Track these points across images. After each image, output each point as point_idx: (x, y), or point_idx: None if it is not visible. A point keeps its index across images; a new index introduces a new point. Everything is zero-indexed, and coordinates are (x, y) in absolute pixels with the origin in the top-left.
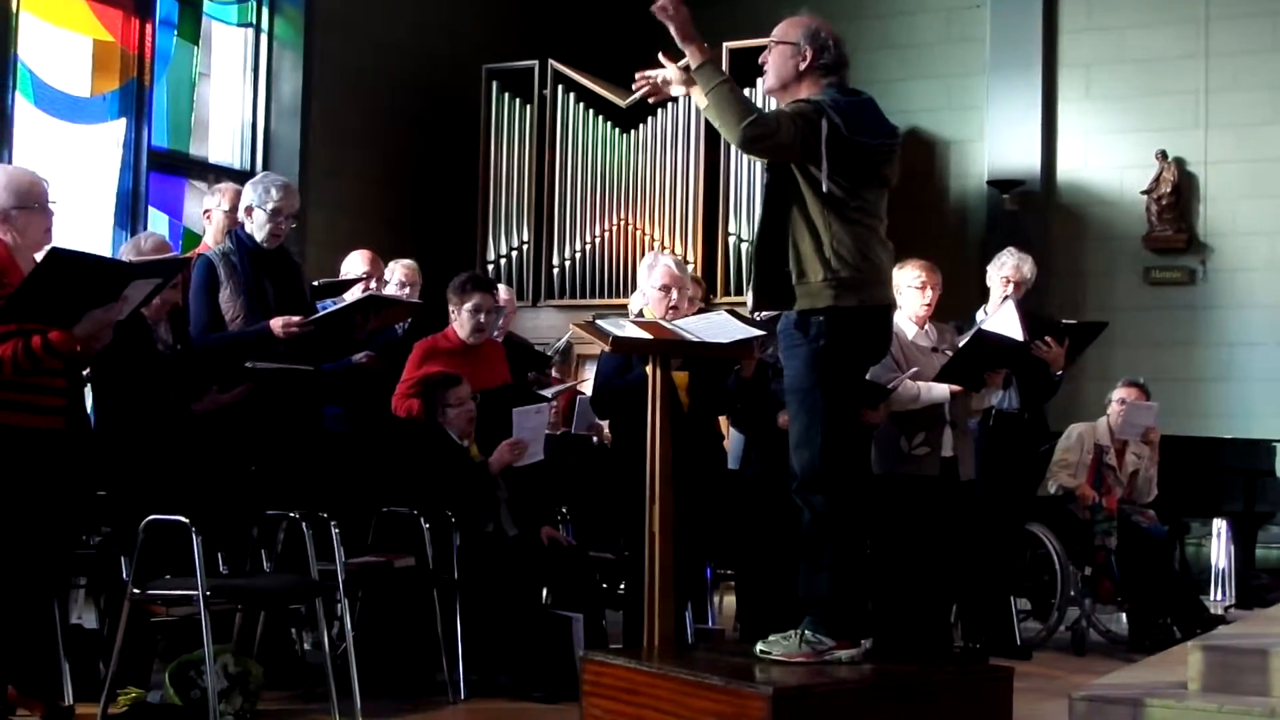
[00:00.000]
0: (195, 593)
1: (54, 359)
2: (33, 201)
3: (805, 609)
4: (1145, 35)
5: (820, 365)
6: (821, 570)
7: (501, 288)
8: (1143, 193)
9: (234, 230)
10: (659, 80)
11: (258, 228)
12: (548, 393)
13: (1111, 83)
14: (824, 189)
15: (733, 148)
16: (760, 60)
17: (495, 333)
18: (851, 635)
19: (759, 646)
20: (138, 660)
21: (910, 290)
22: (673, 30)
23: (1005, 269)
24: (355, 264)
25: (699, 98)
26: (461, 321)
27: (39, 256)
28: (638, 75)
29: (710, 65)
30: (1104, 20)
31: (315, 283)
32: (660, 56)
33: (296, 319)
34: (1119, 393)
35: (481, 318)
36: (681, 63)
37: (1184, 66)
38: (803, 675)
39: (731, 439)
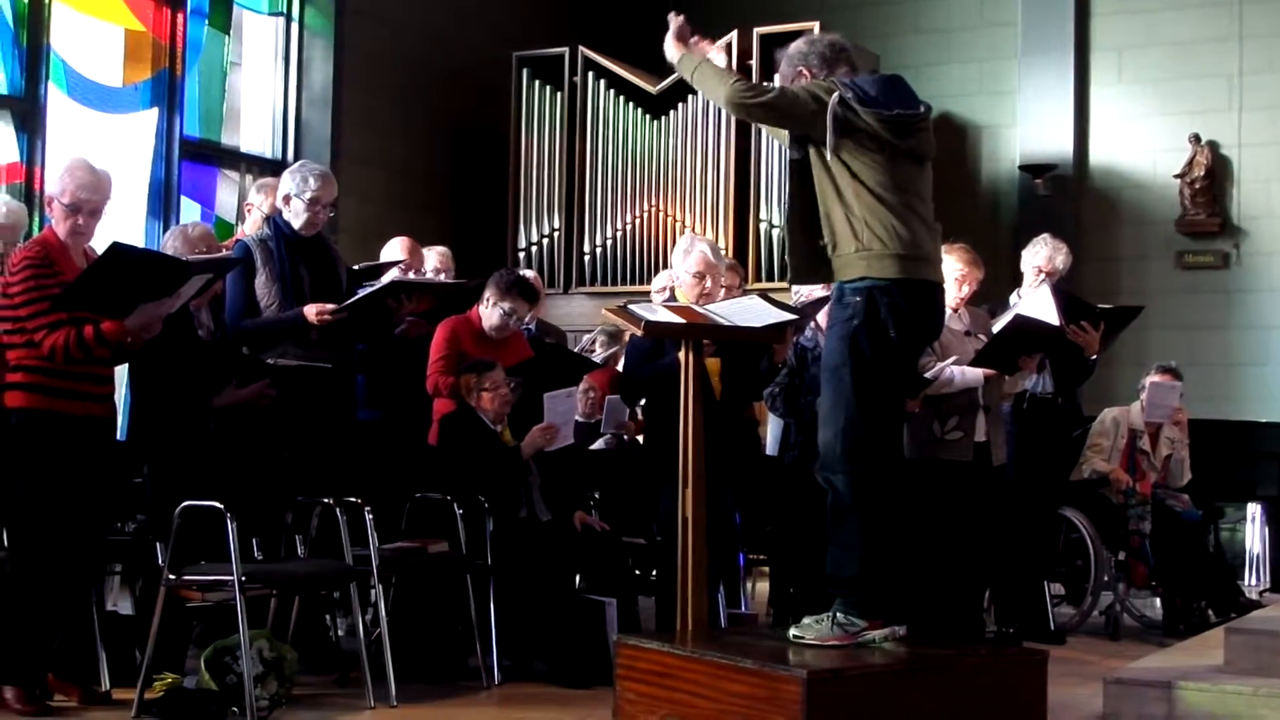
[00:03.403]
0: (230, 578)
1: (104, 349)
2: (101, 202)
3: (834, 590)
4: (1177, 18)
5: (852, 343)
6: (849, 551)
7: (531, 274)
8: (1175, 176)
9: (272, 217)
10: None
11: (295, 215)
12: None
13: (1144, 66)
14: (827, 158)
15: (763, 133)
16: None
17: (526, 323)
18: (883, 615)
19: (792, 631)
20: (173, 646)
21: (949, 280)
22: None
23: (1038, 259)
24: (394, 251)
25: (689, 79)
26: (490, 315)
27: (89, 249)
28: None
29: (687, 54)
30: (1136, 3)
31: (355, 267)
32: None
33: (330, 306)
34: (1150, 377)
35: (512, 321)
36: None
37: (1217, 49)
38: (836, 658)
39: (770, 425)
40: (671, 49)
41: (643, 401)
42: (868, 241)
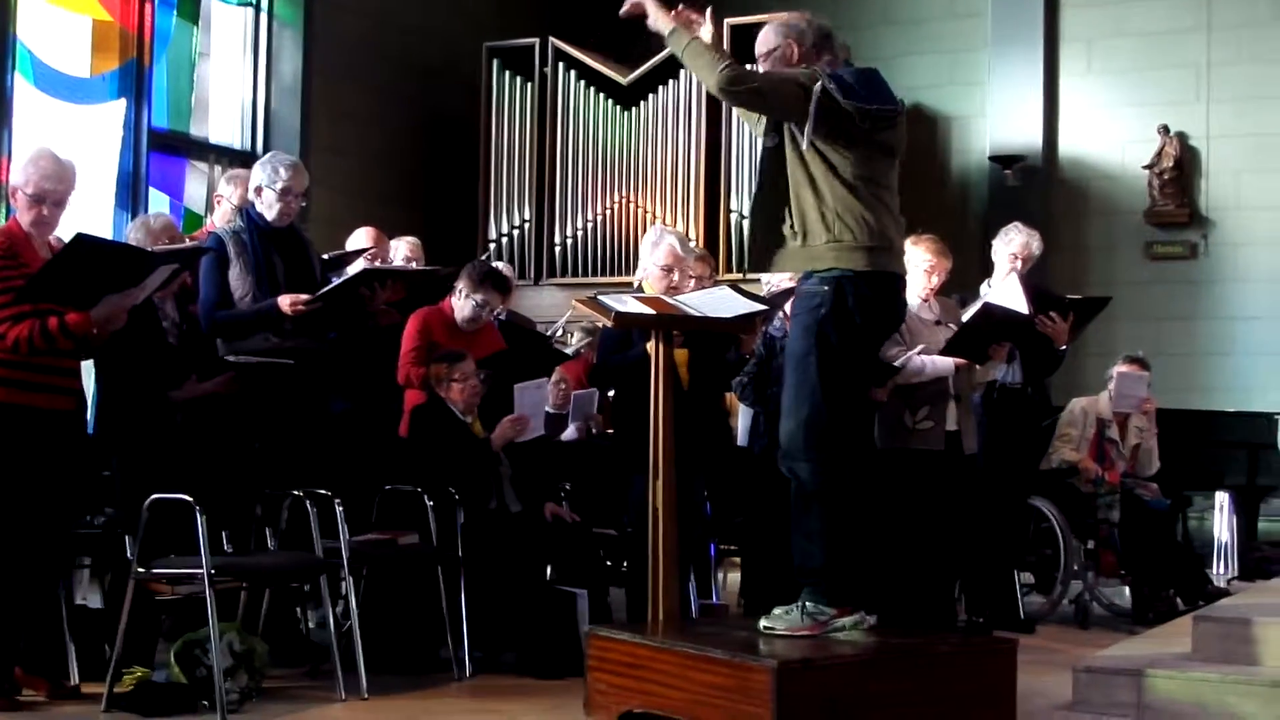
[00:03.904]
0: (200, 571)
1: (69, 341)
2: (65, 193)
3: (802, 579)
4: (1146, 9)
5: (819, 332)
6: (814, 539)
7: (503, 265)
8: (1144, 167)
9: (244, 209)
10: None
11: (267, 207)
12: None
13: (1113, 57)
14: (803, 146)
15: (734, 124)
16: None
17: (496, 313)
18: (852, 602)
19: (763, 622)
20: (143, 639)
21: (917, 270)
22: (648, 13)
23: (1014, 245)
24: (359, 240)
25: (678, 56)
26: (462, 306)
27: (54, 240)
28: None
29: (679, 29)
30: None
31: (324, 256)
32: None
33: (304, 296)
34: (1118, 367)
35: (484, 312)
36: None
37: (1185, 40)
38: (806, 648)
39: (740, 415)
40: (660, 20)
41: (610, 393)
42: (839, 233)
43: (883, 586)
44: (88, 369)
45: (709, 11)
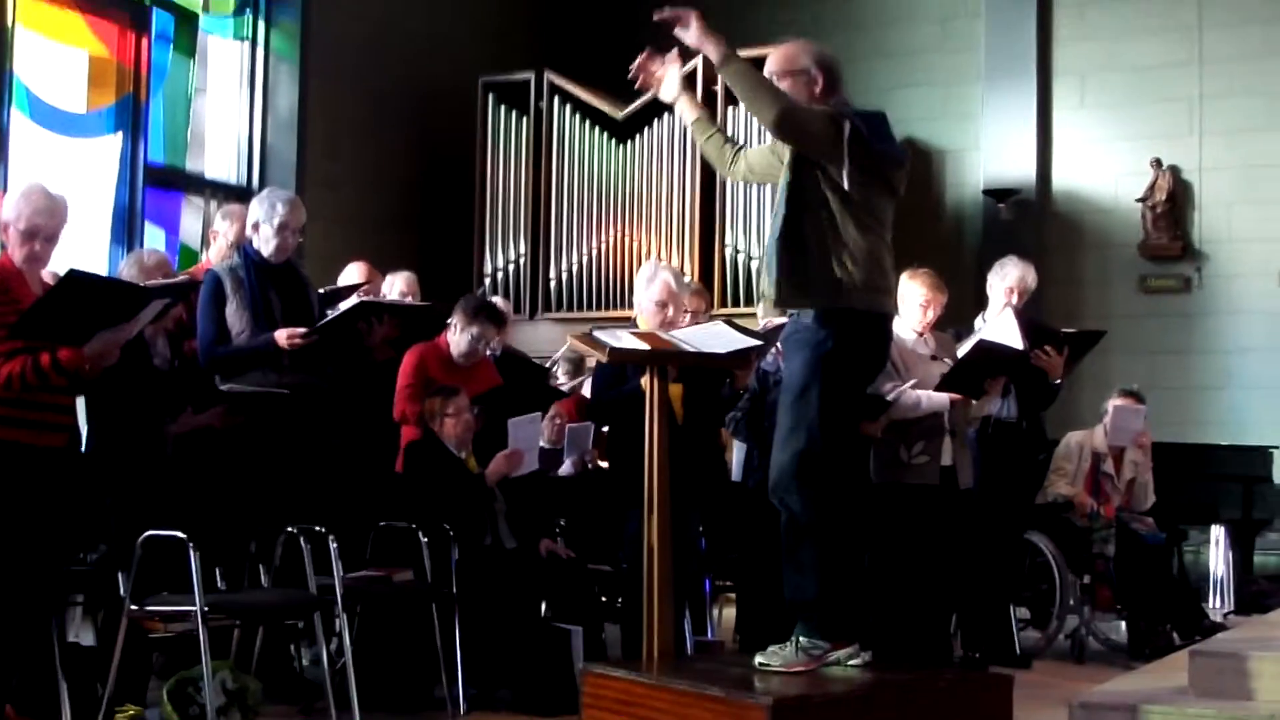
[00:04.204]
0: (193, 608)
1: (61, 377)
2: (57, 228)
3: (795, 613)
4: (1139, 43)
5: (822, 367)
6: (806, 573)
7: (499, 300)
8: (1138, 200)
9: (242, 245)
10: (657, 77)
11: (264, 242)
12: (563, 386)
13: (1106, 91)
14: (846, 188)
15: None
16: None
17: (492, 348)
18: (846, 635)
19: (758, 659)
20: (135, 678)
21: (913, 305)
22: (689, 36)
23: (1009, 279)
24: (352, 275)
25: (730, 83)
26: (459, 341)
27: (47, 275)
28: (638, 65)
29: (733, 57)
30: (1097, 28)
31: (321, 290)
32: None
33: (301, 330)
34: (1113, 400)
35: (480, 345)
36: (683, 69)
37: (1178, 74)
38: (802, 685)
39: (734, 450)
40: (710, 42)
41: (605, 428)
42: (852, 271)
43: (878, 621)
44: (80, 405)
45: (674, 53)
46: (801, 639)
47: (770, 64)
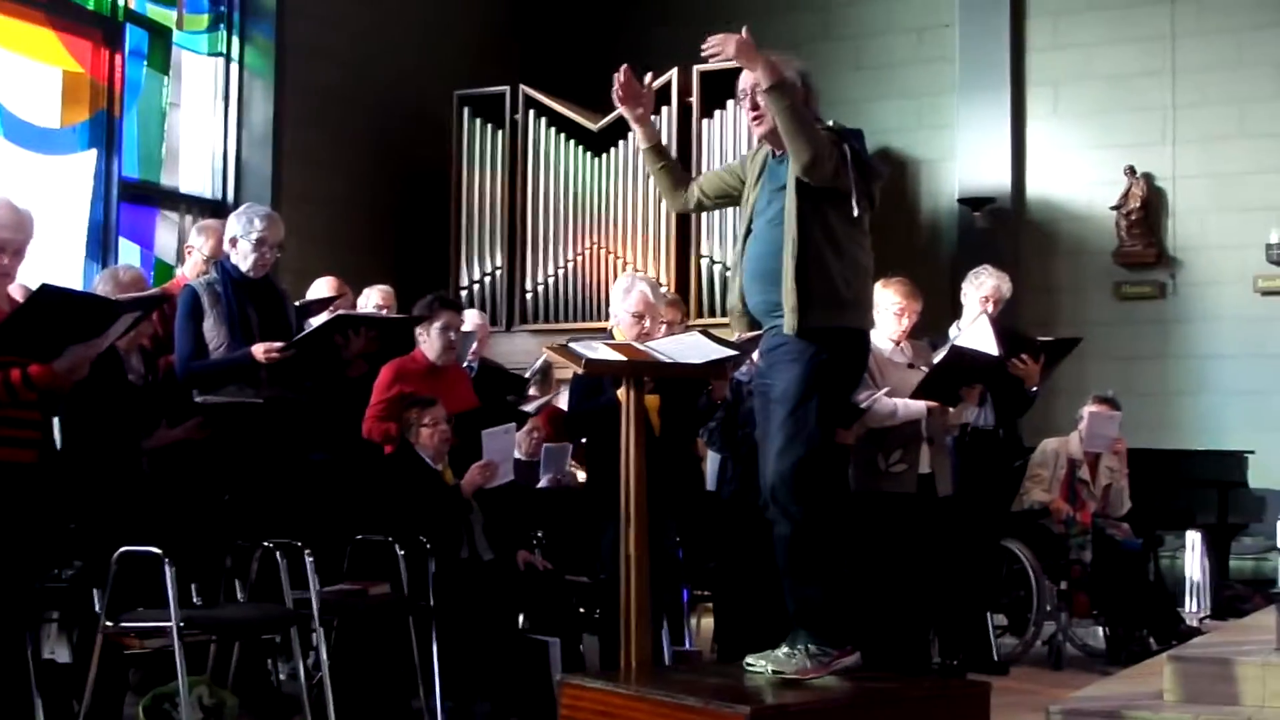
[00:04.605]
0: (168, 624)
1: (31, 393)
2: (24, 242)
3: (801, 623)
4: (1112, 52)
5: (819, 379)
6: (813, 581)
7: (475, 313)
8: (1112, 208)
9: (219, 260)
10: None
11: (242, 258)
12: (529, 407)
13: (1080, 100)
14: (854, 213)
15: (705, 169)
16: (745, 101)
17: (468, 358)
18: (850, 643)
19: (770, 668)
20: (111, 694)
21: (888, 313)
22: (739, 61)
23: (984, 288)
24: (320, 289)
25: (775, 109)
26: (431, 341)
27: (15, 290)
28: (620, 84)
29: (780, 86)
30: (1071, 38)
31: (295, 303)
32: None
33: (278, 344)
34: (1089, 407)
35: (451, 335)
36: (657, 83)
37: (1151, 83)
38: (780, 693)
39: (708, 460)
40: (765, 70)
41: (583, 441)
42: (844, 289)
43: (858, 629)
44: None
45: (660, 80)
46: (810, 646)
47: (754, 78)
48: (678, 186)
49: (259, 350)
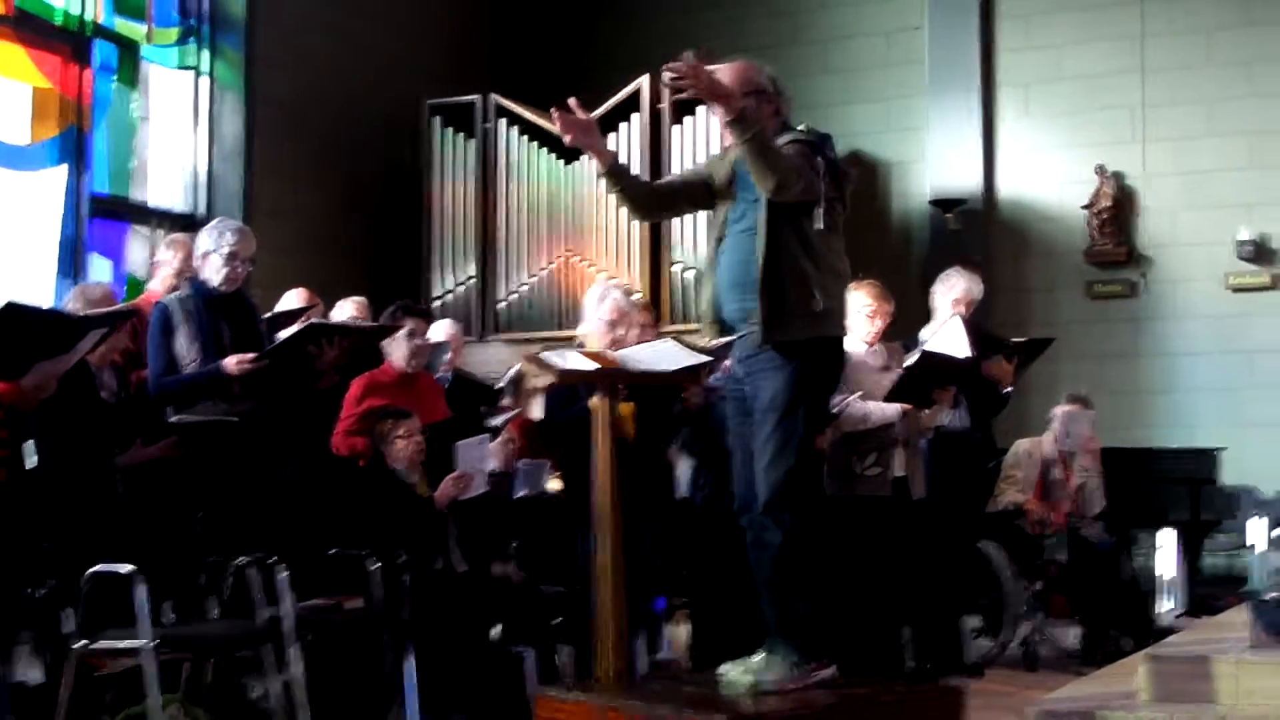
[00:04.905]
0: (141, 643)
1: None
2: None
3: (782, 633)
4: (1082, 53)
5: (805, 388)
6: (797, 592)
7: (448, 323)
8: (1083, 208)
9: (190, 276)
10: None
11: (214, 272)
12: (495, 420)
13: (1049, 100)
14: (820, 224)
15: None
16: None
17: (442, 370)
18: (827, 656)
19: (749, 678)
20: (85, 715)
21: (859, 315)
22: (698, 92)
23: (955, 291)
24: (290, 301)
25: (739, 142)
26: (398, 351)
27: None
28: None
29: (741, 120)
30: (1041, 39)
31: (265, 315)
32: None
33: (250, 355)
34: (1061, 407)
35: (416, 342)
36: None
37: (1120, 83)
38: (755, 701)
39: (680, 467)
40: (722, 111)
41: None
42: (821, 299)
43: (832, 633)
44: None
45: (630, 89)
46: (792, 657)
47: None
48: (640, 205)
49: (231, 363)
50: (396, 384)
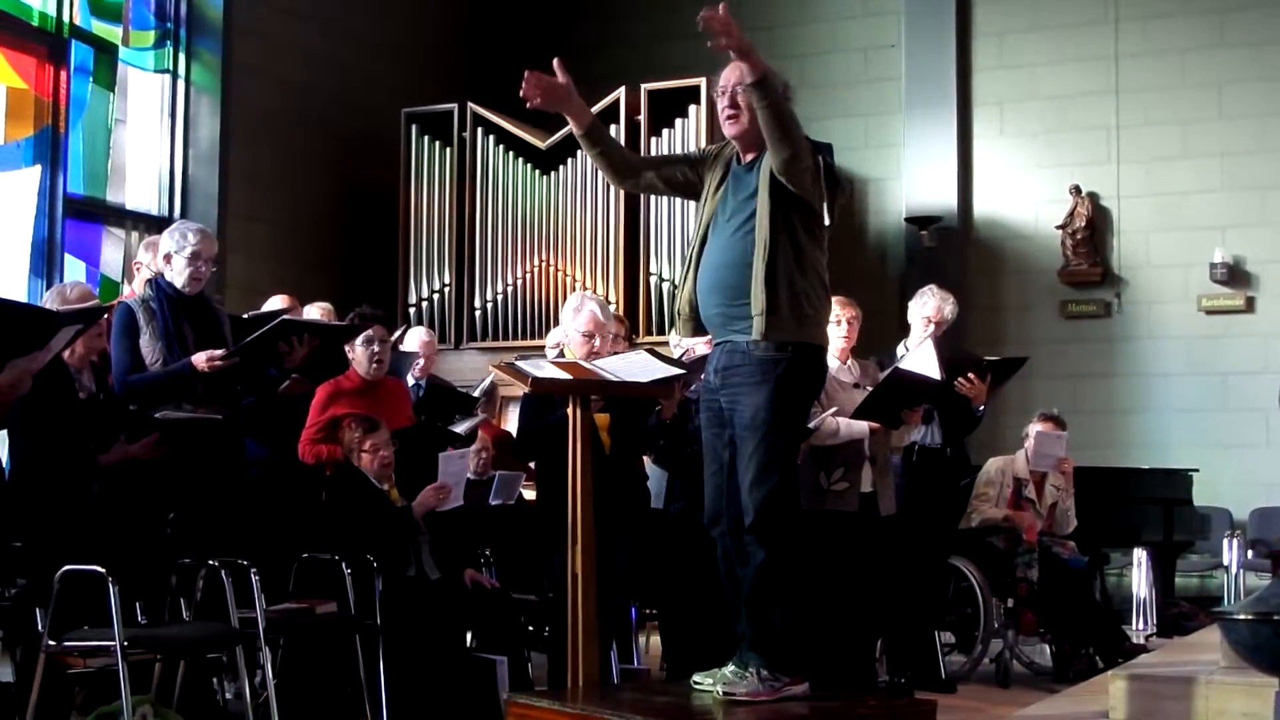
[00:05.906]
0: (112, 643)
1: None
2: None
3: (757, 647)
4: (1057, 73)
5: (784, 400)
6: (774, 607)
7: (422, 330)
8: (1058, 227)
9: (154, 278)
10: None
11: (177, 274)
12: (459, 428)
13: (1025, 119)
14: (825, 220)
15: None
16: (724, 98)
17: (415, 377)
18: (802, 671)
19: (719, 689)
20: (55, 714)
21: (830, 325)
22: (729, 44)
23: (927, 309)
24: (274, 305)
25: (758, 104)
26: (358, 357)
27: None
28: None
29: (768, 79)
30: (1016, 58)
31: (244, 315)
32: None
33: (219, 352)
34: (1035, 425)
35: (375, 347)
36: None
37: (1095, 103)
38: (728, 713)
39: (653, 477)
40: (752, 68)
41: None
42: (805, 305)
43: (805, 648)
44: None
45: (609, 99)
46: (763, 671)
47: (738, 76)
48: (621, 170)
49: (200, 359)
50: (360, 390)
